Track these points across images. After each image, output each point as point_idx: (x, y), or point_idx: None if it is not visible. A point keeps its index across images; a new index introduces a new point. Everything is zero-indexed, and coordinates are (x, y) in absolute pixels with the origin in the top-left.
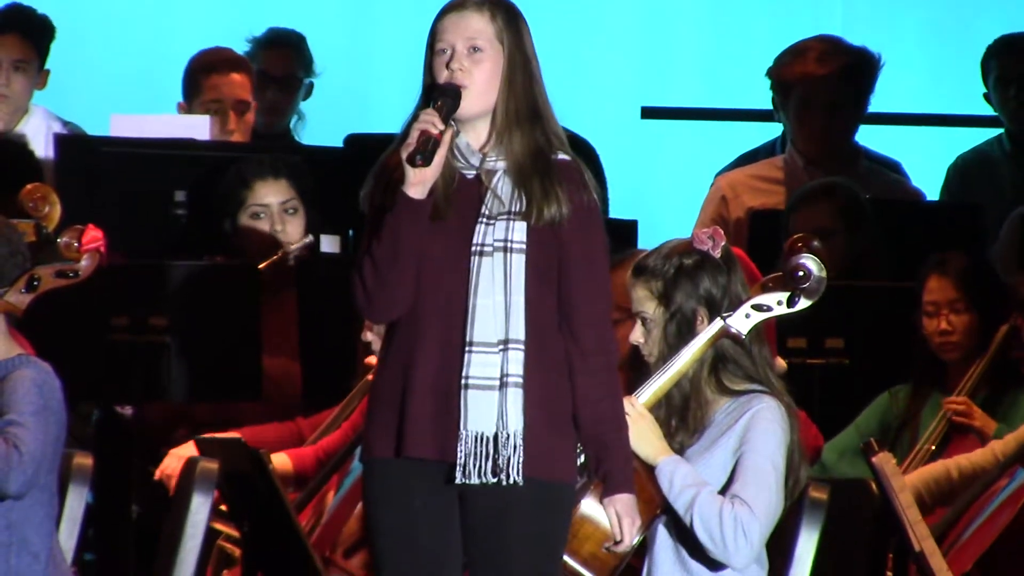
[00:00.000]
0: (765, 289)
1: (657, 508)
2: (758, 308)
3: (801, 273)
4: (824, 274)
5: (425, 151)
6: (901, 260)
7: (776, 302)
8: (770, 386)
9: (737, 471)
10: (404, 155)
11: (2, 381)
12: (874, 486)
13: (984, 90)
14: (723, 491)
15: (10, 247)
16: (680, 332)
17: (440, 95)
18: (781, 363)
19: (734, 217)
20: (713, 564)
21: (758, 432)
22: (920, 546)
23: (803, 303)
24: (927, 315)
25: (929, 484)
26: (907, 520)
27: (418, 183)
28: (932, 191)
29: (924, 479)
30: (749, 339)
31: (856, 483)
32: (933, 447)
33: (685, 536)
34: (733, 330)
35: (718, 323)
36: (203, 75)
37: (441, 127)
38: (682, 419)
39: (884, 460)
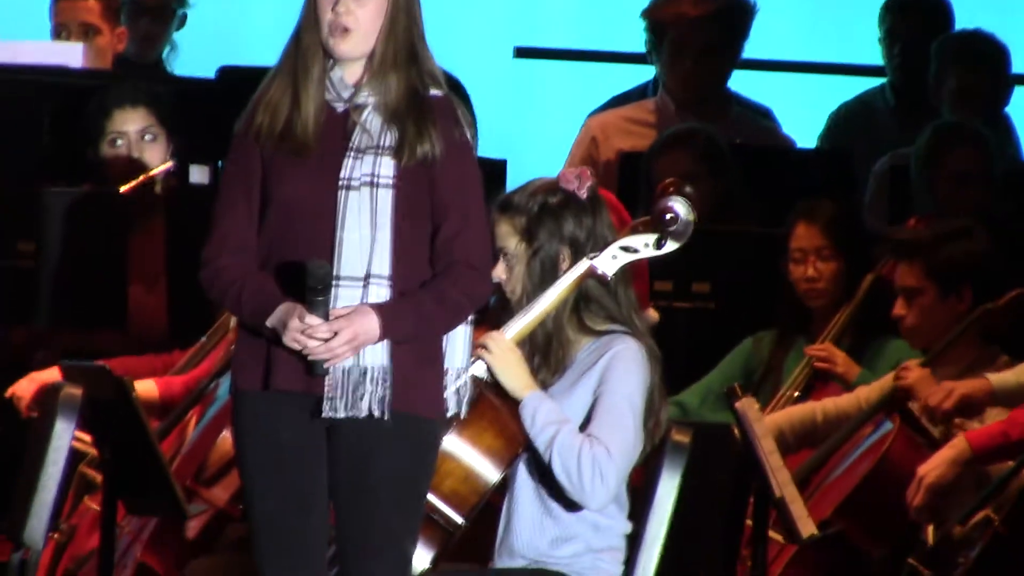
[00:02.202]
0: (633, 231)
1: (519, 447)
2: (625, 249)
3: (669, 216)
4: (692, 217)
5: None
6: (770, 207)
7: (643, 244)
8: (632, 328)
9: (595, 411)
10: (305, 353)
11: None
12: (736, 431)
13: (879, 35)
14: (582, 430)
15: None
16: (543, 271)
17: (317, 290)
18: (653, 314)
19: (604, 159)
20: (572, 504)
21: (618, 372)
22: (781, 492)
23: (670, 246)
24: (794, 261)
25: (795, 425)
26: (769, 466)
27: None
28: (807, 139)
29: (790, 420)
30: (615, 280)
31: (718, 427)
32: (796, 393)
33: (546, 475)
34: (599, 271)
35: (584, 263)
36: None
37: (328, 336)
38: (544, 358)
39: (747, 405)
